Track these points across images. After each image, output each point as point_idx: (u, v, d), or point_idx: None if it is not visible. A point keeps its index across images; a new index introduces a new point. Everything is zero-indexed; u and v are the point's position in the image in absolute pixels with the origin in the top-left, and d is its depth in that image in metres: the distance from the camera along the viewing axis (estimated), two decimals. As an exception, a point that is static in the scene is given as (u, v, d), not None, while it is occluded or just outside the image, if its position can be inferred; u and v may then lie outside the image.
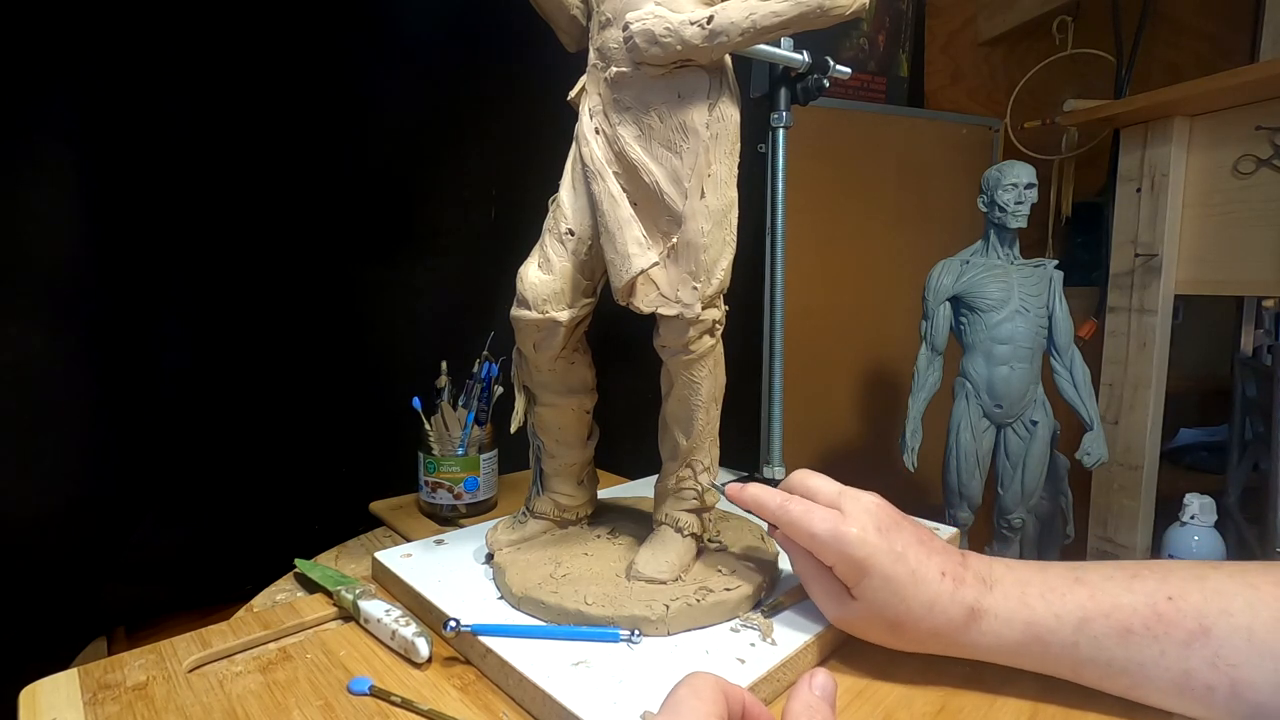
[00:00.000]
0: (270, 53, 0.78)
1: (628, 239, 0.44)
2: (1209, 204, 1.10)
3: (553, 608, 0.46)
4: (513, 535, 0.55)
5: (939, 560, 0.41)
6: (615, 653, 0.43)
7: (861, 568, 0.41)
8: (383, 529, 0.77)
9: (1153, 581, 0.38)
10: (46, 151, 0.67)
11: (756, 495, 0.46)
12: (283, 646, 0.48)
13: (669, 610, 0.45)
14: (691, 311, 0.45)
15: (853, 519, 0.42)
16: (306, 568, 0.60)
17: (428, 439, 0.75)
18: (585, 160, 0.46)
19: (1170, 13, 1.38)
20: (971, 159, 1.45)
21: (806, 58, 0.69)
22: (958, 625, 0.40)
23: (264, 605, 0.57)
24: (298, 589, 0.60)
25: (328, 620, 0.52)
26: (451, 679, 0.44)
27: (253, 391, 0.83)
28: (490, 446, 0.77)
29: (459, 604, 0.48)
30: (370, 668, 0.45)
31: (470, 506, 0.75)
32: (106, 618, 0.79)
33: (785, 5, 0.40)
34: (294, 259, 0.83)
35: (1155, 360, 1.14)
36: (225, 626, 0.49)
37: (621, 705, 0.37)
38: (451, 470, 0.74)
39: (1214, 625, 0.36)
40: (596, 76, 0.46)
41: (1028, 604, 0.39)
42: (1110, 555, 1.20)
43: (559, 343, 0.49)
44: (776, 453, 0.77)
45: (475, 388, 0.76)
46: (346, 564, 0.67)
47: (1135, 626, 0.37)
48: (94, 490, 0.74)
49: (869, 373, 1.42)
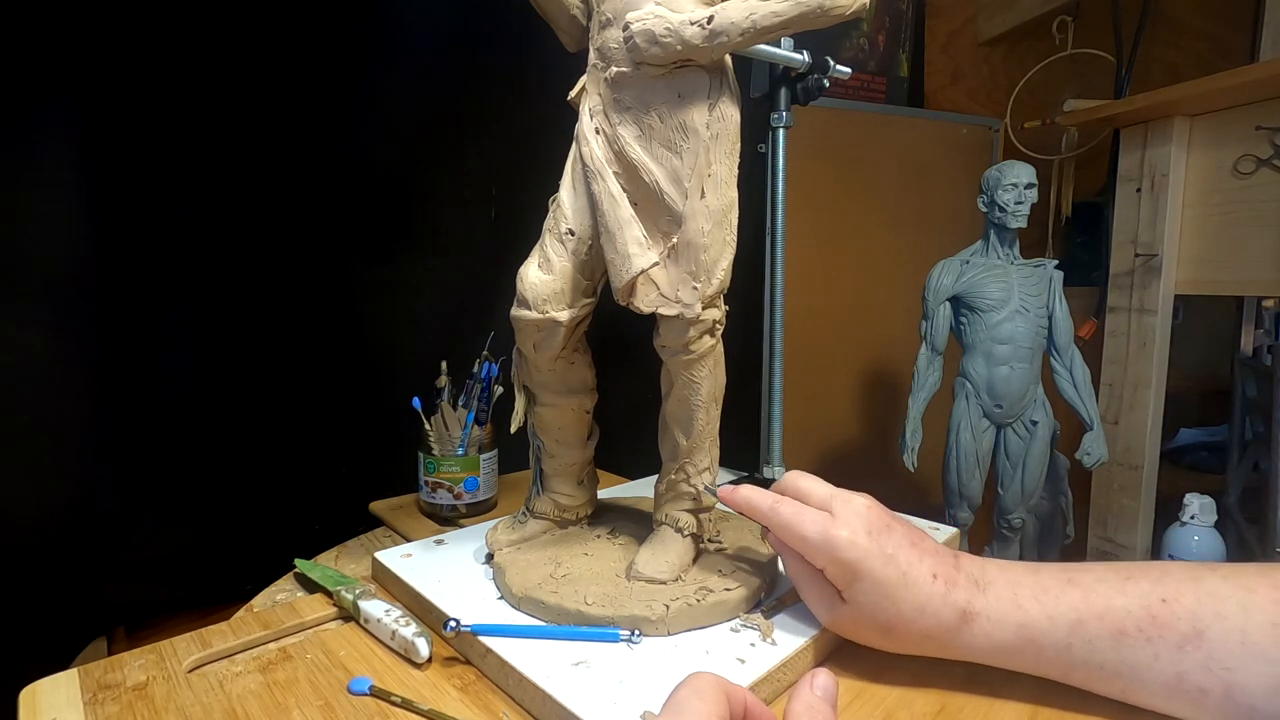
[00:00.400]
0: (270, 53, 0.78)
1: (628, 239, 0.44)
2: (1209, 204, 1.10)
3: (553, 608, 0.46)
4: (513, 535, 0.55)
5: (930, 562, 0.41)
6: (615, 653, 0.43)
7: (852, 571, 0.40)
8: (383, 529, 0.77)
9: (1146, 584, 0.38)
10: (47, 152, 0.67)
11: (749, 497, 0.45)
12: (283, 646, 0.48)
13: (669, 610, 0.45)
14: (691, 311, 0.45)
15: (843, 522, 0.41)
16: (306, 568, 0.60)
17: (428, 439, 0.74)
18: (585, 160, 0.46)
19: (1170, 13, 1.38)
20: (971, 159, 1.45)
21: (807, 58, 0.69)
22: (950, 628, 0.40)
23: (264, 605, 0.57)
24: (298, 589, 0.60)
25: (328, 620, 0.52)
26: (451, 679, 0.44)
27: (253, 391, 0.83)
28: (490, 446, 0.77)
29: (459, 604, 0.48)
30: (370, 668, 0.45)
31: (470, 506, 0.75)
32: (106, 618, 0.79)
33: (785, 5, 0.40)
34: (294, 259, 0.83)
35: (1155, 360, 1.14)
36: (225, 626, 0.49)
37: (622, 705, 0.37)
38: (451, 470, 0.74)
39: (1208, 628, 0.35)
40: (596, 76, 0.46)
41: (1020, 606, 0.39)
42: (1110, 555, 1.20)
43: (559, 343, 0.49)
44: (776, 452, 0.77)
45: (475, 388, 0.76)
46: (346, 564, 0.67)
47: (1129, 629, 0.37)
48: (94, 490, 0.74)
49: (869, 373, 1.42)
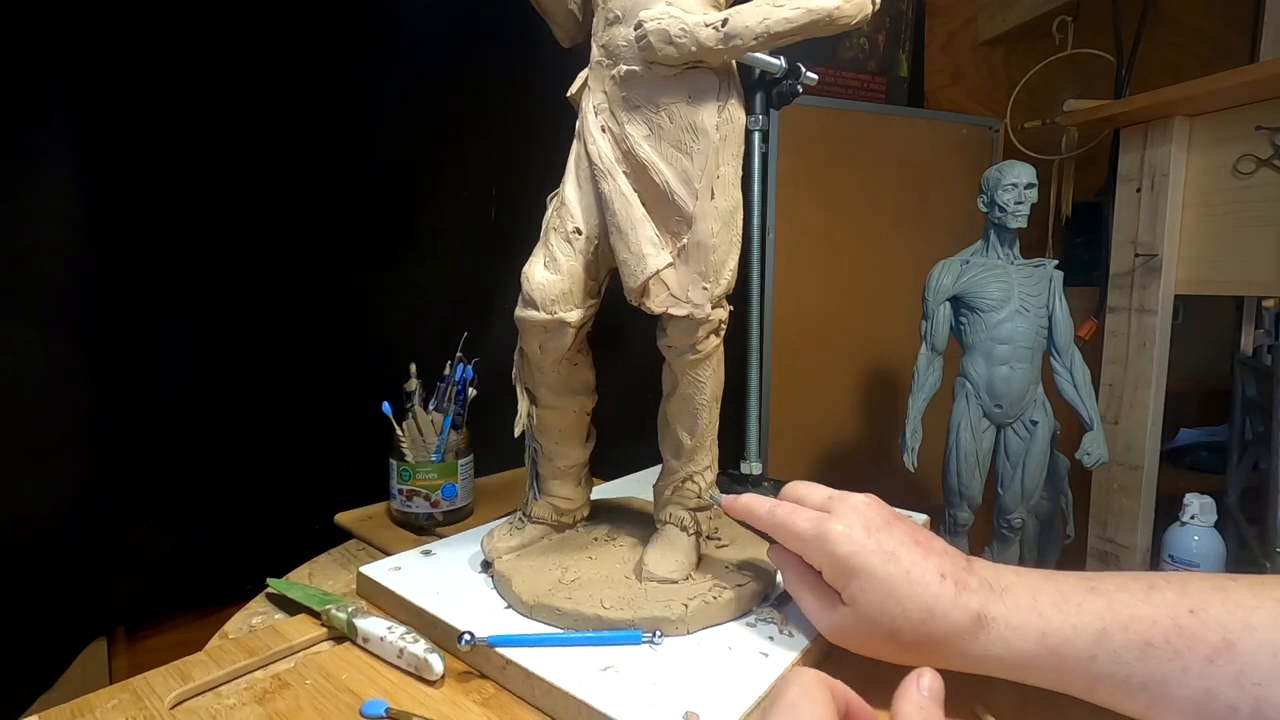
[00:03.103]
0: (270, 53, 0.78)
1: (641, 239, 0.44)
2: (1209, 204, 1.10)
3: (569, 614, 0.45)
4: (512, 542, 0.54)
5: (937, 562, 0.39)
6: (638, 655, 0.42)
7: (848, 567, 0.39)
8: (353, 542, 0.71)
9: (1171, 593, 0.36)
10: (47, 151, 0.67)
11: (748, 504, 0.45)
12: (275, 674, 0.44)
13: (688, 609, 0.45)
14: (702, 312, 0.45)
15: (839, 517, 0.40)
16: (283, 587, 0.55)
17: (399, 445, 0.71)
18: (593, 158, 0.45)
19: (1170, 13, 1.38)
20: (971, 159, 1.45)
21: (783, 63, 0.69)
22: (962, 632, 0.37)
23: (239, 630, 0.52)
24: (275, 610, 0.55)
25: (318, 641, 0.48)
26: (470, 694, 0.42)
27: (254, 391, 0.83)
28: (466, 451, 0.74)
29: (465, 616, 0.47)
30: (379, 689, 0.42)
31: (447, 515, 0.72)
32: (106, 618, 0.79)
33: (797, 13, 0.40)
34: (294, 259, 0.83)
35: (1155, 360, 1.15)
36: (204, 656, 0.45)
37: (660, 708, 0.37)
38: (428, 477, 0.70)
39: (1238, 640, 0.33)
40: (601, 74, 0.46)
41: (1041, 613, 0.37)
42: (1110, 555, 1.20)
43: (567, 344, 0.48)
44: (754, 448, 0.78)
45: (450, 390, 0.73)
46: (322, 581, 0.62)
47: (1156, 640, 0.34)
48: (94, 490, 0.74)
49: (869, 373, 1.42)
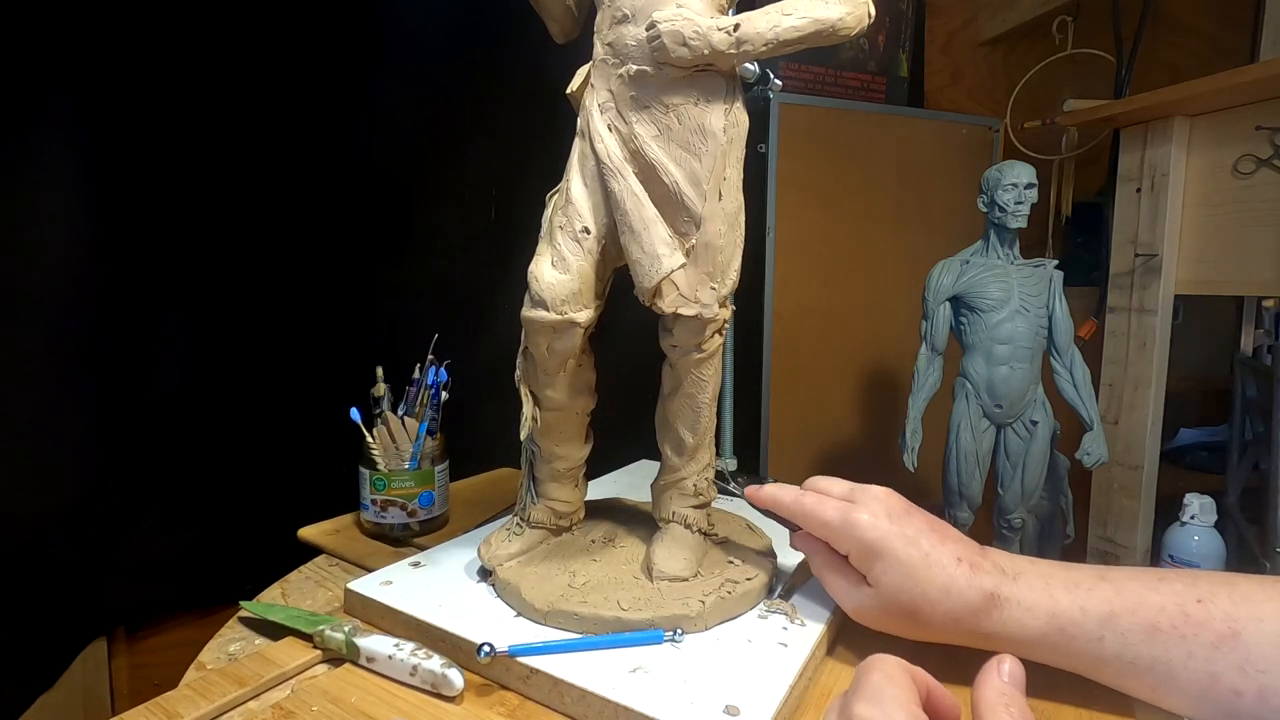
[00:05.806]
0: (270, 55, 0.78)
1: (655, 239, 0.44)
2: (1209, 204, 1.10)
3: (587, 618, 0.45)
4: (512, 548, 0.53)
5: (954, 546, 0.42)
6: (662, 654, 0.43)
7: (874, 550, 0.42)
8: (323, 558, 0.68)
9: (1180, 584, 0.38)
10: (47, 153, 0.67)
11: (774, 494, 0.47)
12: (274, 703, 0.42)
13: (705, 606, 0.45)
14: (710, 312, 0.45)
15: (864, 506, 0.44)
16: (260, 610, 0.53)
17: (370, 453, 0.68)
18: (600, 157, 0.45)
19: (1170, 13, 1.38)
20: (971, 159, 1.45)
21: (757, 68, 0.68)
22: (976, 610, 0.40)
23: (217, 659, 0.49)
24: (254, 635, 0.52)
25: (312, 665, 0.47)
26: (494, 707, 0.41)
27: (253, 391, 0.83)
28: (442, 458, 0.71)
29: (474, 627, 0.46)
30: (397, 710, 0.41)
31: (424, 524, 0.69)
32: (106, 618, 0.79)
33: (804, 21, 0.41)
34: (295, 259, 0.83)
35: (1155, 360, 1.15)
36: (189, 691, 0.43)
37: (699, 704, 0.38)
38: (405, 485, 0.68)
39: (1244, 629, 0.35)
40: (607, 72, 0.46)
41: (1052, 595, 0.39)
42: (1110, 555, 1.20)
43: (575, 345, 0.48)
44: (728, 445, 0.79)
45: (422, 394, 0.70)
46: (299, 600, 0.58)
47: (1163, 625, 0.37)
48: (94, 490, 0.74)
49: (869, 373, 1.42)
